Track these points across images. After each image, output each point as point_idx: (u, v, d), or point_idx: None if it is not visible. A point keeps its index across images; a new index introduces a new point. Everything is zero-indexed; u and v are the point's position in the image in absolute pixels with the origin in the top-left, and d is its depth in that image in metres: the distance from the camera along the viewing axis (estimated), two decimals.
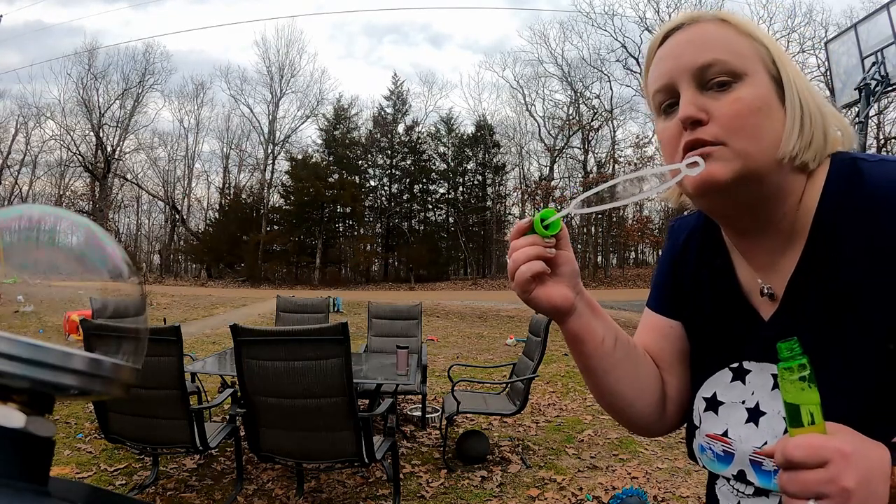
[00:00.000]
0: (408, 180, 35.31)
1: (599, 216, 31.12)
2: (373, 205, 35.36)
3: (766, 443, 0.66)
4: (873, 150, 23.30)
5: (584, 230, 32.24)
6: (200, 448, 2.71)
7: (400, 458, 3.29)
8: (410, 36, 50.62)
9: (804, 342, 0.57)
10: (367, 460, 2.56)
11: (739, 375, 0.71)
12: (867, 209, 0.61)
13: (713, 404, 0.72)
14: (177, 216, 35.25)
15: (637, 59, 28.11)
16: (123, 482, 3.17)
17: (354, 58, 49.41)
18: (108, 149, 32.82)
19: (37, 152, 33.03)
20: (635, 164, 28.68)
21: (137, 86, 33.23)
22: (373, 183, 35.73)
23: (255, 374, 2.53)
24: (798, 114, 0.64)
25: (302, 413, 2.49)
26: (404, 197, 35.90)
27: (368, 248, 34.78)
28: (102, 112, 32.57)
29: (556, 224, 0.65)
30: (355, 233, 34.34)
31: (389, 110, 35.61)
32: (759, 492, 0.67)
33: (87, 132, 32.57)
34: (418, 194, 35.90)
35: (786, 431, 0.60)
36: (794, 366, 0.51)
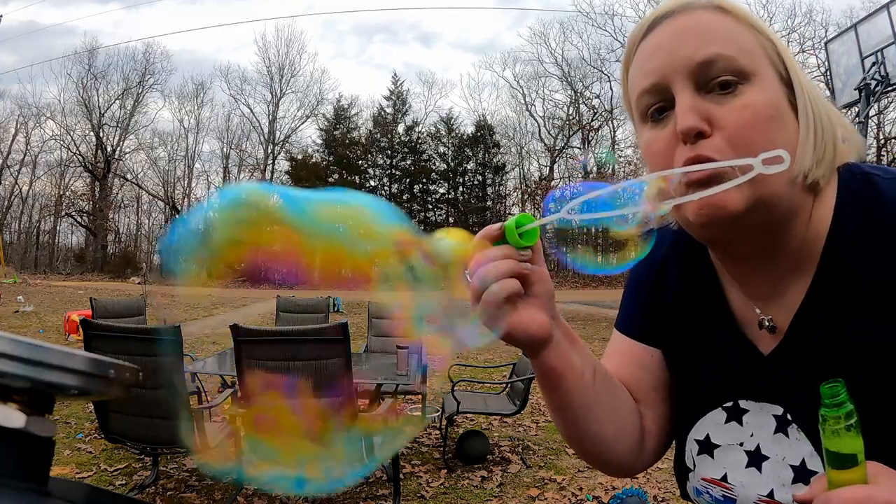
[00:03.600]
0: (408, 180, 35.32)
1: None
2: None
3: (771, 491, 0.59)
4: (873, 150, 23.28)
5: (584, 228, 32.21)
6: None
7: (400, 458, 3.29)
8: (400, 35, 50.51)
9: (804, 383, 0.54)
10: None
11: (735, 416, 0.63)
12: (889, 235, 0.53)
13: (707, 447, 0.65)
14: (177, 216, 35.27)
15: None
16: (123, 482, 3.17)
17: (346, 57, 49.37)
18: (108, 149, 32.84)
19: (37, 152, 33.06)
20: (635, 165, 28.70)
21: (137, 86, 33.26)
22: (373, 183, 35.74)
23: (255, 374, 2.53)
24: (811, 123, 0.55)
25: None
26: (404, 197, 35.89)
27: None
28: (102, 112, 32.60)
29: (532, 233, 0.54)
30: None
31: (389, 110, 35.64)
32: None
33: (87, 132, 32.61)
34: (418, 194, 35.91)
35: (796, 480, 0.57)
36: (842, 414, 0.46)
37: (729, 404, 0.64)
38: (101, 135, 32.55)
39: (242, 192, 0.59)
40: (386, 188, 35.80)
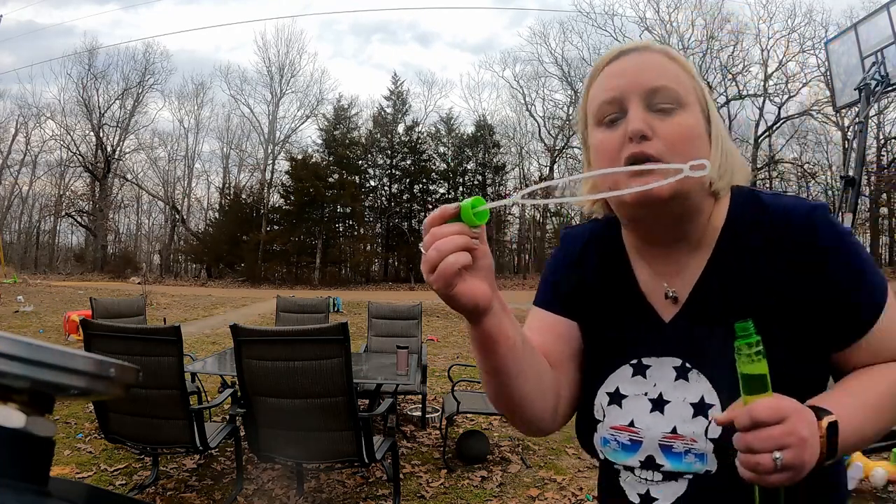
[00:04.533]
0: (408, 180, 35.28)
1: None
2: (373, 205, 35.33)
3: (674, 427, 0.73)
4: (873, 150, 23.24)
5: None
6: (200, 448, 2.71)
7: (400, 458, 3.29)
8: (398, 35, 50.13)
9: (702, 338, 0.73)
10: (367, 460, 2.56)
11: (640, 370, 0.77)
12: (767, 232, 0.73)
13: (616, 398, 0.78)
14: (177, 216, 35.23)
15: None
16: (123, 482, 3.17)
17: (344, 56, 49.03)
18: (108, 149, 32.80)
19: (37, 152, 33.02)
20: None
21: (137, 86, 33.23)
22: (373, 183, 35.70)
23: (255, 374, 2.53)
24: (720, 147, 0.74)
25: (302, 413, 2.49)
26: (404, 197, 35.87)
27: (368, 248, 34.76)
28: (102, 112, 32.55)
29: (484, 213, 0.61)
30: (355, 233, 34.31)
31: (389, 110, 35.61)
32: (668, 476, 0.73)
33: (87, 132, 32.57)
34: (418, 194, 35.87)
35: (696, 414, 0.72)
36: (753, 341, 0.61)
37: (634, 361, 0.78)
38: (101, 135, 32.52)
39: None
40: (386, 188, 35.79)
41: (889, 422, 0.70)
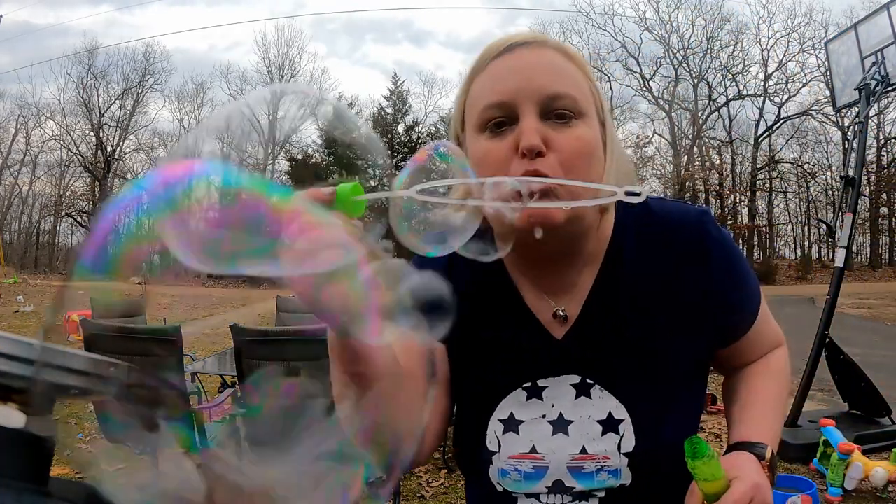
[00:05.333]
0: None
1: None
2: (373, 205, 35.34)
3: (583, 447, 0.68)
4: (873, 150, 23.24)
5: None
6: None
7: None
8: (391, 34, 49.69)
9: (600, 352, 0.69)
10: None
11: (535, 393, 0.71)
12: (656, 236, 0.71)
13: (512, 424, 0.70)
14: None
15: (637, 59, 28.11)
16: None
17: (338, 56, 48.65)
18: (108, 149, 32.81)
19: (37, 152, 33.03)
20: (634, 164, 28.60)
21: (137, 86, 33.23)
22: (373, 183, 35.68)
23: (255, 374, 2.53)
24: (613, 160, 0.68)
25: None
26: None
27: None
28: (102, 112, 32.56)
29: (362, 204, 0.50)
30: None
31: (389, 110, 35.62)
32: (578, 497, 0.68)
33: (87, 132, 32.57)
34: None
35: (605, 431, 0.68)
36: (707, 454, 0.61)
37: (528, 384, 0.71)
38: (101, 135, 32.53)
39: None
40: (386, 188, 35.78)
41: (785, 404, 0.79)
